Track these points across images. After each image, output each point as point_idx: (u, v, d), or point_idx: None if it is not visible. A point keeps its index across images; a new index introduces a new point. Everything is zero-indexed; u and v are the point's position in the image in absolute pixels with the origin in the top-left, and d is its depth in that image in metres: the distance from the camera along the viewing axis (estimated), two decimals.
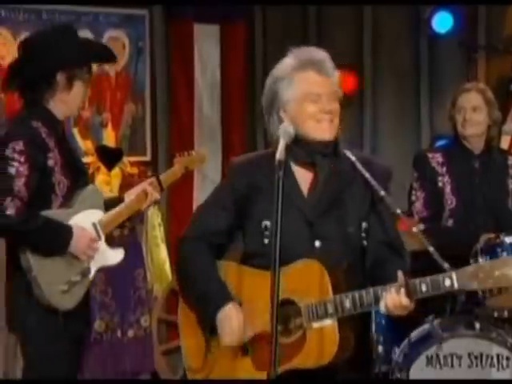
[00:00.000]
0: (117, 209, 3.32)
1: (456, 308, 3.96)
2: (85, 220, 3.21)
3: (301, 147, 2.71)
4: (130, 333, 4.57)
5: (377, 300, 2.58)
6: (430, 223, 4.08)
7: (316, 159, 2.71)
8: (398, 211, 2.78)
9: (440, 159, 4.15)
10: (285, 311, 2.61)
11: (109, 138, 5.30)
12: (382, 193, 2.72)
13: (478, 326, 3.82)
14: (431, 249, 2.75)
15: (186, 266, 2.78)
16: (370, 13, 5.79)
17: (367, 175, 2.72)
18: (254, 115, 5.57)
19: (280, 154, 2.52)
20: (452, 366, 3.76)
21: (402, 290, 2.54)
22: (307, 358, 2.59)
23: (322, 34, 5.79)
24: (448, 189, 4.12)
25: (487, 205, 4.11)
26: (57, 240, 3.13)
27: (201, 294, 2.71)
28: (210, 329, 2.72)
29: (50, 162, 3.17)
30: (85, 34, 5.23)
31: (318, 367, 2.59)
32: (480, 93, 4.11)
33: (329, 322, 2.58)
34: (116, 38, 5.32)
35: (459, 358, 3.75)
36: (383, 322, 3.82)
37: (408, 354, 3.84)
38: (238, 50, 5.65)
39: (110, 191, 4.48)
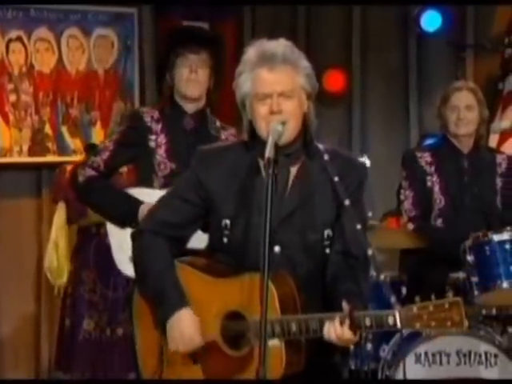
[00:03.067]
0: None
1: None
2: None
3: (262, 144, 2.56)
4: (119, 331, 4.55)
5: (322, 327, 2.46)
6: (419, 222, 4.09)
7: (278, 159, 2.51)
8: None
9: (429, 158, 4.16)
10: (234, 324, 2.55)
11: (98, 137, 5.29)
12: (347, 202, 2.58)
13: (466, 324, 3.82)
14: (382, 277, 2.64)
15: (142, 262, 2.67)
16: (358, 12, 5.80)
17: (336, 179, 2.60)
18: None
19: (269, 152, 2.46)
20: (441, 363, 3.77)
21: (347, 322, 2.42)
22: (255, 375, 2.47)
23: (310, 33, 5.79)
24: (437, 188, 4.13)
25: (476, 204, 4.12)
26: (122, 211, 3.46)
27: (156, 294, 2.62)
28: (162, 328, 2.63)
29: (152, 144, 3.49)
30: (73, 32, 5.23)
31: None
32: (472, 92, 4.13)
33: (275, 343, 2.47)
34: (105, 37, 5.31)
35: (448, 355, 3.77)
36: None
37: (397, 352, 3.85)
38: (228, 48, 5.64)
39: None
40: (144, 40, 5.46)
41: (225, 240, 2.62)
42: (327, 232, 2.62)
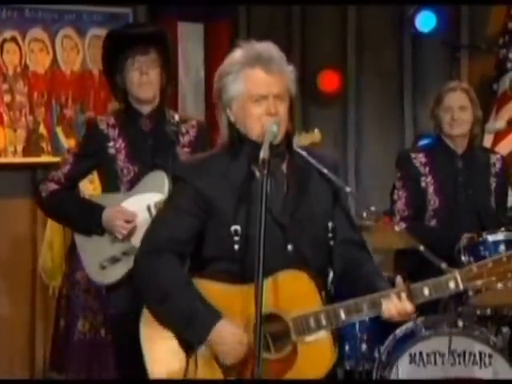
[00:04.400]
0: None
1: (439, 306, 3.98)
2: (138, 203, 3.42)
3: (251, 147, 2.56)
4: None
5: (373, 306, 2.48)
6: (411, 222, 4.10)
7: (272, 160, 2.51)
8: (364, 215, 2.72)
9: (423, 159, 4.16)
10: (270, 326, 2.50)
11: None
12: (348, 189, 2.62)
13: (460, 324, 3.84)
14: (421, 248, 2.71)
15: (160, 283, 2.55)
16: (353, 13, 5.80)
17: (325, 171, 2.61)
18: None
19: (264, 152, 2.46)
20: (435, 363, 3.78)
21: (403, 296, 2.46)
22: (300, 374, 2.48)
23: (305, 33, 5.79)
24: (431, 189, 4.13)
25: (470, 204, 4.13)
26: (85, 218, 3.49)
27: (185, 314, 2.52)
28: (187, 348, 2.54)
29: (111, 151, 3.50)
30: (68, 32, 5.22)
31: None
32: (465, 92, 4.14)
33: (323, 334, 2.47)
34: (99, 37, 5.28)
35: (442, 355, 3.77)
36: (367, 320, 3.83)
37: (391, 352, 3.85)
38: (222, 49, 5.64)
39: (94, 190, 4.46)
40: None
41: (236, 247, 2.56)
42: (330, 224, 2.64)
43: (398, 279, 2.49)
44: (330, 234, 2.63)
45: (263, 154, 2.46)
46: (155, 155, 3.53)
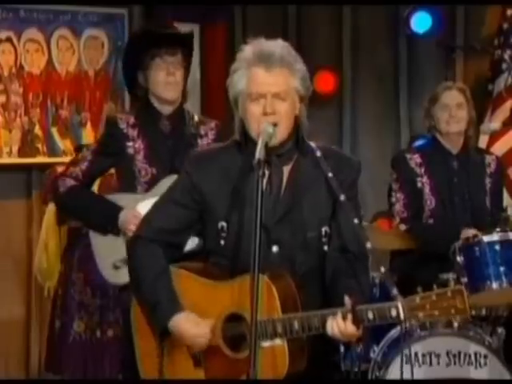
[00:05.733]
0: None
1: None
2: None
3: (252, 146, 2.55)
4: (110, 332, 4.55)
5: (324, 324, 2.47)
6: (411, 223, 4.11)
7: (270, 159, 2.54)
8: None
9: (418, 160, 4.17)
10: (235, 326, 2.54)
11: (88, 138, 5.28)
12: (342, 197, 2.57)
13: (456, 324, 3.84)
14: (382, 269, 2.64)
15: (136, 269, 2.66)
16: (349, 13, 5.81)
17: (330, 175, 2.59)
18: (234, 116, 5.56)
19: (259, 153, 2.45)
20: (430, 364, 3.78)
21: (349, 316, 2.43)
22: (259, 375, 2.47)
23: (301, 34, 5.80)
24: (427, 189, 4.14)
25: (466, 204, 4.14)
26: (102, 217, 3.46)
27: (151, 302, 2.61)
28: (160, 335, 2.63)
29: (130, 151, 3.46)
30: (63, 32, 5.22)
31: None
32: (461, 91, 4.15)
33: (278, 342, 2.48)
34: (95, 37, 5.30)
35: (437, 356, 3.78)
36: None
37: (387, 353, 3.85)
38: (218, 50, 5.64)
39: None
40: None
41: (222, 242, 2.61)
42: (324, 229, 2.62)
43: (346, 300, 2.45)
44: (324, 239, 2.62)
45: (258, 154, 2.46)
46: (174, 157, 3.50)
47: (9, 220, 5.16)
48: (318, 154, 2.62)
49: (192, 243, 2.78)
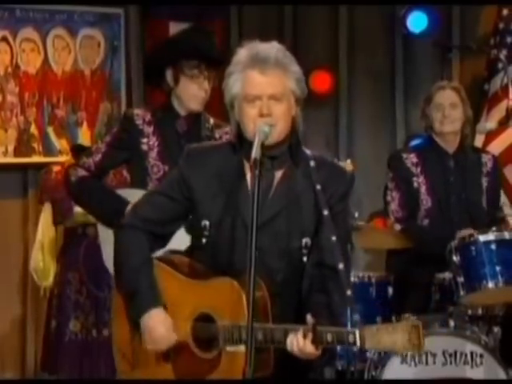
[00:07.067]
0: None
1: (431, 306, 3.99)
2: None
3: (248, 146, 2.54)
4: (106, 332, 4.54)
5: (286, 339, 2.46)
6: (406, 222, 4.11)
7: (264, 160, 2.50)
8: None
9: (415, 159, 4.17)
10: (204, 326, 2.57)
11: (84, 137, 5.27)
12: (325, 212, 2.55)
13: (452, 323, 3.85)
14: (349, 293, 2.61)
15: (119, 256, 2.68)
16: (345, 13, 5.81)
17: (318, 187, 2.57)
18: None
19: (255, 152, 2.45)
20: (427, 363, 3.78)
21: (309, 335, 2.43)
22: (221, 378, 2.53)
23: (297, 34, 5.80)
24: (423, 189, 4.14)
25: (462, 204, 4.14)
26: (109, 211, 3.46)
27: (130, 290, 2.63)
28: (134, 325, 2.65)
29: (144, 147, 3.49)
30: (59, 32, 5.21)
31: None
32: (455, 90, 4.15)
33: (242, 349, 2.46)
34: (91, 37, 5.30)
35: (434, 355, 3.78)
36: (358, 319, 3.83)
37: (383, 352, 3.85)
38: None
39: None
40: (131, 40, 5.45)
41: (203, 240, 2.62)
42: (305, 240, 2.61)
43: (309, 319, 2.45)
44: (304, 251, 2.61)
45: (254, 153, 2.46)
46: None
47: (5, 220, 5.16)
48: (312, 164, 2.62)
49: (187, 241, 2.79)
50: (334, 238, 2.54)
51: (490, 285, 3.75)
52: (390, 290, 4.09)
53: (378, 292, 4.07)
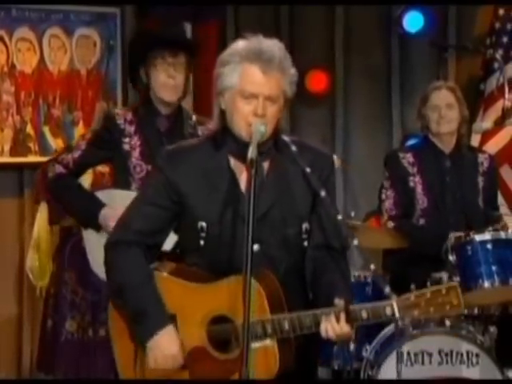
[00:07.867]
0: None
1: None
2: None
3: (234, 141, 2.56)
4: (102, 332, 4.53)
5: (317, 324, 2.46)
6: (399, 221, 4.11)
7: (257, 159, 2.49)
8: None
9: (411, 159, 4.18)
10: (221, 328, 2.53)
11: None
12: (323, 193, 2.55)
13: (448, 323, 3.85)
14: (372, 267, 2.62)
15: (118, 275, 2.60)
16: (341, 13, 5.81)
17: (308, 170, 2.57)
18: None
19: (252, 152, 2.44)
20: (423, 363, 3.79)
21: (342, 316, 2.42)
22: (254, 375, 2.46)
23: (294, 33, 5.80)
24: (419, 189, 4.15)
25: (458, 203, 4.15)
26: (83, 211, 3.47)
27: (136, 311, 2.56)
28: (141, 344, 2.60)
29: (126, 147, 3.45)
30: (55, 31, 5.21)
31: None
32: (451, 91, 4.16)
33: (268, 343, 2.47)
34: (87, 36, 5.29)
35: (430, 355, 3.78)
36: None
37: (379, 352, 3.86)
38: (210, 49, 5.63)
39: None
40: (127, 40, 5.44)
41: (201, 242, 2.58)
42: (305, 225, 2.61)
43: (337, 301, 2.44)
44: (304, 236, 2.61)
45: (251, 153, 2.45)
46: None
47: (0, 219, 5.15)
48: (293, 148, 2.61)
49: (171, 242, 2.75)
50: (339, 217, 2.55)
51: (486, 284, 3.76)
52: (387, 290, 4.09)
53: (374, 290, 4.07)
